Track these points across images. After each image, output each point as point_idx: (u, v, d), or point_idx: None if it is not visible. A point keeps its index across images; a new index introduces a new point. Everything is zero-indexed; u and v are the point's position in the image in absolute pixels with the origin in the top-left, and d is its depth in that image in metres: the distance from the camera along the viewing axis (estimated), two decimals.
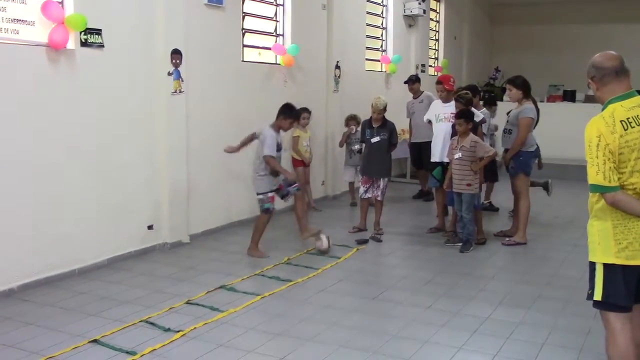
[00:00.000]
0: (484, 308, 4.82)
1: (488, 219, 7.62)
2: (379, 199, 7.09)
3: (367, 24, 10.71)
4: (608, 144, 2.92)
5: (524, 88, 6.69)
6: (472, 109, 6.76)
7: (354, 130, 8.57)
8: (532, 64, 15.18)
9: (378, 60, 11.17)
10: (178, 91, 6.45)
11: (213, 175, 7.13)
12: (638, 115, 2.96)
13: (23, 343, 4.10)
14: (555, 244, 6.84)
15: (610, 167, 2.91)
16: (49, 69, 5.25)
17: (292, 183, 6.30)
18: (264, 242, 6.30)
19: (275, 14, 8.39)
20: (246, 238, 6.43)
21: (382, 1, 11.33)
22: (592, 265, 3.11)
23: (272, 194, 6.18)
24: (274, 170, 6.09)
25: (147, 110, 6.24)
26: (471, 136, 6.41)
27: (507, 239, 6.85)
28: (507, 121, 6.93)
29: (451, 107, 6.99)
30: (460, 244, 6.55)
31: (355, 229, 7.28)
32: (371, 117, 7.08)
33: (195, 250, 6.46)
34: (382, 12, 11.39)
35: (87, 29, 5.47)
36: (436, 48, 14.23)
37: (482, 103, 8.47)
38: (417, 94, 9.38)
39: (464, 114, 6.41)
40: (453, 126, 6.74)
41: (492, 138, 7.69)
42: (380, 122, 7.03)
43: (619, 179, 2.93)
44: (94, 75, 5.65)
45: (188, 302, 4.87)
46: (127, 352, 3.96)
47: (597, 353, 3.80)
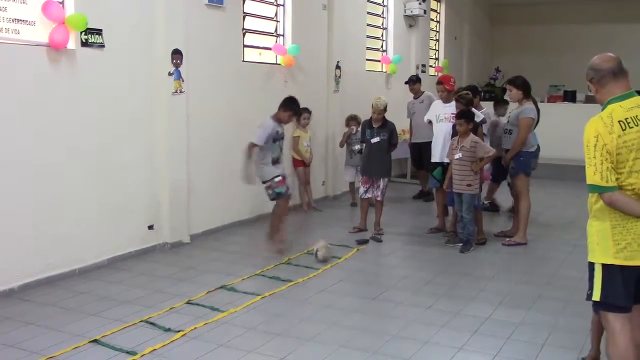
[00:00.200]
0: (485, 308, 4.82)
1: (488, 219, 7.63)
2: (379, 199, 7.09)
3: (368, 24, 10.71)
4: (606, 144, 2.92)
5: (524, 88, 6.70)
6: (473, 109, 6.77)
7: (355, 131, 8.57)
8: (532, 64, 15.16)
9: (378, 61, 11.17)
10: (178, 91, 6.45)
11: (213, 175, 7.13)
12: (637, 116, 2.97)
13: (23, 343, 4.10)
14: (555, 244, 6.84)
15: (607, 167, 2.92)
16: (50, 69, 5.26)
17: (279, 192, 6.18)
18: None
19: (276, 14, 8.39)
20: (247, 238, 6.44)
21: (383, 1, 11.33)
22: (591, 265, 3.12)
23: (281, 178, 6.14)
24: (277, 158, 6.12)
25: (148, 110, 6.24)
26: (471, 136, 6.41)
27: (508, 239, 6.86)
28: (508, 121, 6.94)
29: (451, 108, 7.00)
30: (461, 244, 6.56)
31: (356, 229, 7.28)
32: (371, 117, 7.08)
33: (196, 250, 6.46)
34: (383, 12, 11.39)
35: (88, 29, 5.48)
36: (436, 48, 14.23)
37: (494, 103, 8.44)
38: (417, 94, 9.39)
39: (464, 114, 6.41)
40: (453, 126, 6.74)
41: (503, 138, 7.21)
42: (380, 123, 7.03)
43: (617, 179, 2.94)
44: (94, 75, 5.65)
45: (188, 302, 4.87)
46: (128, 352, 3.96)
47: None
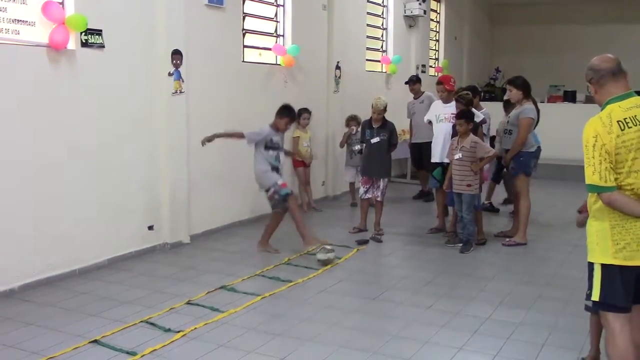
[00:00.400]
0: (485, 308, 4.82)
1: (488, 220, 7.62)
2: (379, 199, 7.09)
3: (368, 25, 10.71)
4: (604, 144, 2.92)
5: (524, 88, 6.70)
6: (472, 109, 6.76)
7: (355, 131, 8.57)
8: (532, 65, 15.16)
9: (378, 61, 11.17)
10: (178, 91, 6.45)
11: (213, 176, 7.13)
12: (635, 116, 2.97)
13: (23, 343, 4.10)
14: (555, 245, 6.84)
15: (606, 167, 2.92)
16: (50, 70, 5.26)
17: (285, 193, 6.18)
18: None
19: (276, 15, 8.40)
20: (247, 238, 6.44)
21: (383, 1, 11.34)
22: (591, 265, 3.12)
23: (282, 181, 6.16)
24: (274, 167, 6.12)
25: (148, 111, 6.24)
26: (471, 137, 6.41)
27: (508, 239, 6.85)
28: (508, 122, 6.94)
29: (451, 108, 7.00)
30: (461, 245, 6.55)
31: (356, 230, 7.28)
32: (371, 118, 7.08)
33: (196, 251, 6.46)
34: (383, 13, 11.40)
35: (88, 29, 5.48)
36: (436, 48, 14.24)
37: (503, 104, 8.41)
38: (417, 94, 9.40)
39: (464, 115, 6.41)
40: (453, 126, 6.74)
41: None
42: (380, 123, 7.03)
43: (616, 179, 2.94)
44: (94, 75, 5.65)
45: (188, 303, 4.87)
46: (128, 353, 3.96)
47: None
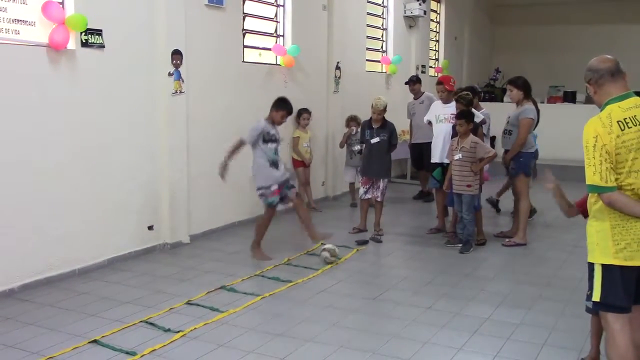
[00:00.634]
0: (484, 309, 4.82)
1: (488, 220, 7.62)
2: (378, 199, 7.09)
3: (368, 25, 10.70)
4: (605, 145, 2.92)
5: (525, 89, 6.70)
6: (472, 109, 6.76)
7: (355, 131, 8.57)
8: (532, 65, 15.15)
9: (378, 61, 11.17)
10: (178, 92, 6.45)
11: (213, 176, 7.09)
12: (635, 116, 2.97)
13: (23, 343, 4.10)
14: (555, 245, 6.84)
15: (607, 168, 2.92)
16: (50, 70, 5.26)
17: (291, 186, 6.24)
18: (264, 241, 6.28)
19: (276, 15, 8.40)
20: (246, 239, 6.43)
21: (383, 2, 11.33)
22: (591, 266, 3.12)
23: (276, 188, 6.05)
24: (273, 161, 6.05)
25: (148, 111, 6.24)
26: (471, 137, 6.41)
27: (507, 239, 6.85)
28: (507, 122, 6.93)
29: (451, 108, 7.00)
30: (461, 245, 6.55)
31: (356, 230, 7.28)
32: (371, 118, 7.08)
33: (196, 251, 6.46)
34: (383, 13, 11.39)
35: (88, 29, 5.48)
36: (436, 49, 14.23)
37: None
38: (417, 94, 9.40)
39: (464, 115, 6.41)
40: (453, 127, 6.74)
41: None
42: (380, 123, 7.02)
43: (616, 179, 2.94)
44: (94, 75, 5.65)
45: (188, 303, 4.87)
46: (127, 353, 3.96)
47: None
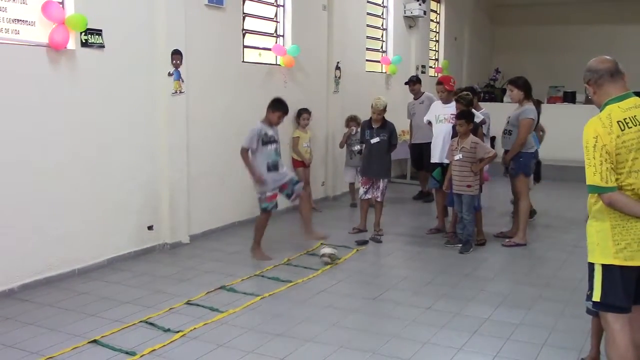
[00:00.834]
0: (484, 309, 4.82)
1: (488, 220, 7.61)
2: (378, 199, 7.09)
3: (368, 25, 10.70)
4: (605, 145, 2.92)
5: (526, 89, 6.70)
6: (472, 109, 6.76)
7: (354, 131, 8.57)
8: (532, 65, 15.15)
9: (378, 61, 11.17)
10: (178, 92, 6.45)
11: (213, 176, 7.13)
12: (635, 116, 2.97)
13: (23, 343, 4.10)
14: (555, 245, 6.83)
15: (607, 168, 2.92)
16: (50, 70, 5.26)
17: (297, 181, 6.30)
18: (264, 241, 6.28)
19: (276, 15, 8.39)
20: (246, 239, 6.43)
21: (383, 2, 11.34)
22: (591, 266, 3.12)
23: (272, 193, 6.12)
24: (274, 162, 6.08)
25: (148, 111, 6.24)
26: (471, 137, 6.41)
27: (507, 240, 6.85)
28: (507, 122, 6.93)
29: (451, 108, 6.99)
30: (460, 245, 6.55)
31: (355, 230, 7.27)
32: (371, 118, 7.08)
33: (195, 251, 6.45)
34: (383, 13, 11.39)
35: (88, 29, 5.48)
36: (436, 49, 14.23)
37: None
38: (417, 94, 9.40)
39: (464, 115, 6.41)
40: (453, 127, 6.74)
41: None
42: (380, 123, 7.02)
43: (616, 179, 2.94)
44: (94, 75, 5.65)
45: (188, 303, 4.87)
46: (127, 353, 3.96)
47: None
